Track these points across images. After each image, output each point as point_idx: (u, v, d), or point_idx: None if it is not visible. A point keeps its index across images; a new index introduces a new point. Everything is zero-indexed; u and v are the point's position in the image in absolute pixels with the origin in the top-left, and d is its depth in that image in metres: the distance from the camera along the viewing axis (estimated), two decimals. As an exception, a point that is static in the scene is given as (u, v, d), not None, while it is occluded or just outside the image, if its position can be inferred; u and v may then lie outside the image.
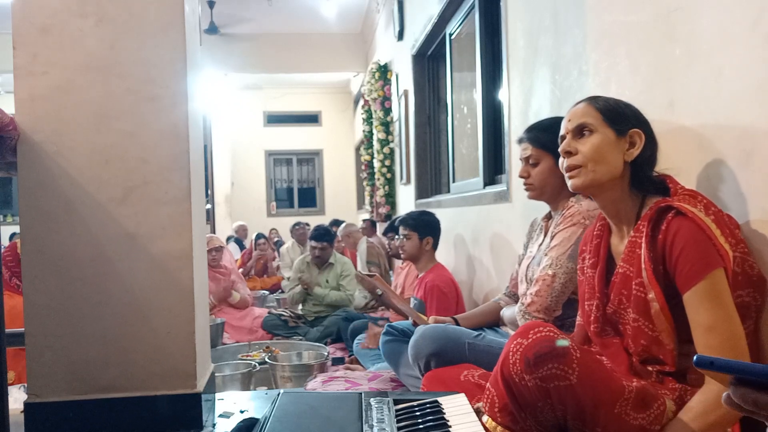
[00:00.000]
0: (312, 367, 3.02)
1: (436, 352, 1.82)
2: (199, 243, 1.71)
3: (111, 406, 1.54)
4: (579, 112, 1.31)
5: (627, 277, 1.23)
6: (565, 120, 1.33)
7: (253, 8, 6.84)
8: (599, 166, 1.25)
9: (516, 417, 1.17)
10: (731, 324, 1.09)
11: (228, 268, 4.52)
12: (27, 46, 1.53)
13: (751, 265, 1.15)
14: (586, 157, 1.26)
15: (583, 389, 1.08)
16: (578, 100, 1.36)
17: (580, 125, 1.29)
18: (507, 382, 1.15)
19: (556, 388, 1.08)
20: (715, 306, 1.09)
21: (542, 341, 1.10)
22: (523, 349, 1.11)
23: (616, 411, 1.10)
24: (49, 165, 1.54)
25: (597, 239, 1.36)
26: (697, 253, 1.10)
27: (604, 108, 1.29)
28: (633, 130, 1.27)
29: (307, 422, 1.21)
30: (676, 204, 1.15)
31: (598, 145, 1.25)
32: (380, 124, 5.89)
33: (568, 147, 1.29)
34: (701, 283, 1.09)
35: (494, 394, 1.20)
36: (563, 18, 2.05)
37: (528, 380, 1.10)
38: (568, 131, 1.31)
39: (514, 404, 1.15)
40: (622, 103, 1.32)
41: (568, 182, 1.31)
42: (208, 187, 7.74)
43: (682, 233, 1.12)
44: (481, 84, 3.21)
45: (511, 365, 1.13)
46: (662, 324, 1.16)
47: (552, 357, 1.08)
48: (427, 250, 3.00)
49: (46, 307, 1.54)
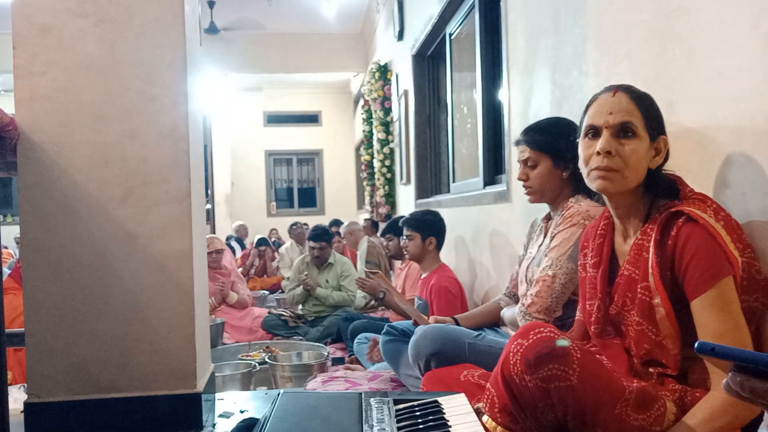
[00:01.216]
0: (312, 367, 3.02)
1: (436, 352, 1.82)
2: (199, 243, 1.71)
3: (111, 406, 1.55)
4: (623, 106, 1.21)
5: (632, 280, 1.21)
6: (602, 110, 1.22)
7: (253, 8, 6.84)
8: (633, 174, 1.20)
9: (516, 417, 1.17)
10: (739, 332, 1.08)
11: (228, 268, 4.52)
12: (27, 46, 1.53)
13: (758, 270, 1.14)
14: (627, 163, 1.19)
15: (583, 390, 1.08)
16: (612, 86, 1.25)
17: (623, 123, 1.20)
18: (507, 383, 1.15)
19: (556, 388, 1.08)
20: (724, 314, 1.08)
21: (543, 342, 1.10)
22: (523, 349, 1.11)
23: (616, 411, 1.10)
24: (49, 165, 1.54)
25: (600, 238, 1.33)
26: (707, 261, 1.09)
27: (647, 110, 1.21)
28: (662, 137, 1.23)
29: (307, 422, 1.21)
30: (687, 209, 1.13)
31: (639, 152, 1.19)
32: (380, 124, 5.89)
33: (610, 147, 1.19)
34: (711, 290, 1.08)
35: (494, 395, 1.20)
36: (563, 18, 2.05)
37: (528, 381, 1.10)
38: (609, 126, 1.20)
39: (515, 404, 1.15)
40: (655, 104, 1.25)
41: (596, 182, 1.22)
42: (208, 187, 7.73)
43: (692, 240, 1.11)
44: (481, 84, 3.21)
45: (512, 366, 1.13)
46: (667, 329, 1.15)
47: (552, 358, 1.08)
48: (430, 250, 2.99)
49: (46, 307, 1.54)
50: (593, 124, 1.23)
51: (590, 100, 1.30)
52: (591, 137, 1.24)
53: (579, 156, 1.28)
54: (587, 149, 1.24)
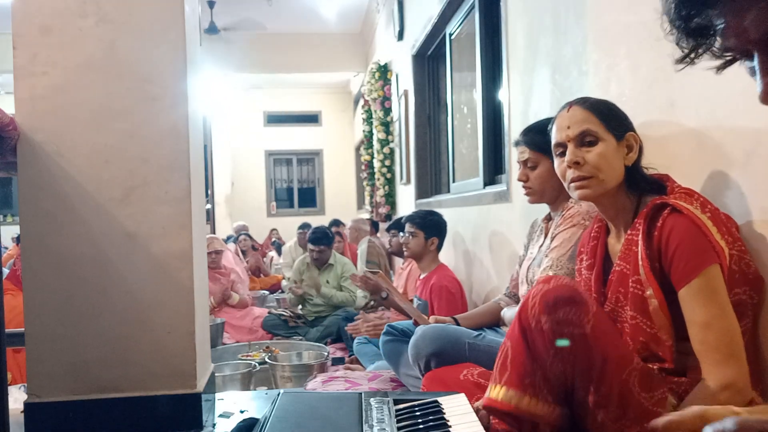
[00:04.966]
0: (312, 367, 3.02)
1: (436, 352, 1.82)
2: (199, 243, 1.71)
3: (111, 406, 1.54)
4: (578, 117, 1.28)
5: (624, 275, 1.23)
6: (561, 126, 1.30)
7: (253, 8, 6.83)
8: (609, 175, 1.25)
9: (525, 374, 1.17)
10: (727, 320, 1.09)
11: (228, 268, 4.52)
12: (27, 46, 1.53)
13: (747, 263, 1.16)
14: (596, 167, 1.25)
15: (595, 341, 1.11)
16: (567, 103, 1.33)
17: (582, 133, 1.26)
18: (523, 329, 1.17)
19: (569, 334, 1.11)
20: (711, 302, 1.09)
21: (564, 288, 1.14)
22: (544, 292, 1.15)
23: (623, 377, 1.12)
24: (49, 165, 1.53)
25: (594, 241, 1.37)
26: (692, 250, 1.11)
27: (603, 113, 1.28)
28: (629, 133, 1.28)
29: (307, 422, 1.21)
30: (672, 201, 1.16)
31: (606, 154, 1.25)
32: (380, 124, 5.89)
33: (576, 157, 1.26)
34: (696, 279, 1.10)
35: (508, 354, 1.21)
36: (563, 18, 2.05)
37: (544, 322, 1.12)
38: (570, 139, 1.28)
39: (528, 355, 1.17)
40: (612, 105, 1.32)
41: (576, 192, 1.29)
42: (208, 187, 7.74)
43: (677, 230, 1.13)
44: (481, 84, 3.21)
45: (530, 309, 1.16)
46: (660, 320, 1.16)
47: (571, 302, 1.11)
48: (431, 250, 2.99)
49: (46, 307, 1.54)
50: (558, 142, 1.31)
51: (552, 121, 1.37)
52: (560, 155, 1.32)
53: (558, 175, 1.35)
54: (560, 166, 1.31)
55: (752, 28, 0.60)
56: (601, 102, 1.32)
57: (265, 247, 7.89)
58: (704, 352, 1.10)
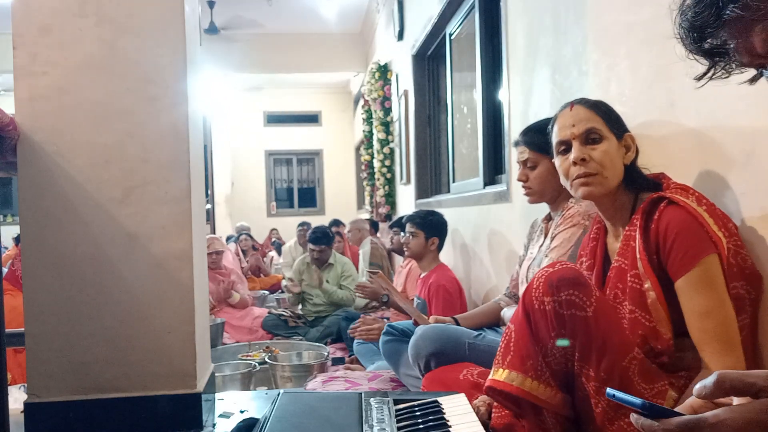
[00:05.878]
0: (312, 367, 3.02)
1: (436, 352, 1.82)
2: (199, 243, 1.71)
3: (111, 406, 1.54)
4: (582, 116, 1.29)
5: (622, 270, 1.24)
6: (565, 124, 1.31)
7: (253, 8, 6.83)
8: (612, 173, 1.27)
9: (527, 356, 1.17)
10: (726, 309, 1.10)
11: (228, 268, 4.52)
12: (27, 46, 1.53)
13: (744, 257, 1.16)
14: (601, 164, 1.26)
15: (596, 324, 1.12)
16: (567, 103, 1.35)
17: (588, 130, 1.28)
18: (526, 311, 1.18)
19: (571, 316, 1.12)
20: (709, 291, 1.10)
21: (568, 270, 1.15)
22: (548, 274, 1.16)
23: (624, 364, 1.12)
24: (49, 165, 1.54)
25: (593, 242, 1.38)
26: (689, 241, 1.12)
27: (605, 113, 1.30)
28: (626, 134, 1.31)
29: (307, 422, 1.21)
30: (668, 195, 1.18)
31: (611, 152, 1.27)
32: (380, 124, 5.89)
33: (583, 154, 1.27)
34: (694, 269, 1.11)
35: (512, 337, 1.21)
36: (563, 18, 2.05)
37: (547, 303, 1.13)
38: (575, 136, 1.29)
39: (531, 338, 1.17)
40: (610, 106, 1.35)
41: (580, 190, 1.29)
42: (208, 187, 7.74)
43: (674, 221, 1.14)
44: (481, 84, 3.21)
45: (534, 290, 1.17)
46: (659, 313, 1.17)
47: (574, 284, 1.13)
48: (431, 250, 3.00)
49: (46, 307, 1.54)
50: (562, 140, 1.32)
51: (552, 121, 1.38)
52: (563, 153, 1.33)
53: (559, 173, 1.36)
54: (563, 164, 1.32)
55: (759, 45, 0.62)
56: (600, 102, 1.35)
57: (265, 247, 7.89)
58: (704, 341, 1.11)
